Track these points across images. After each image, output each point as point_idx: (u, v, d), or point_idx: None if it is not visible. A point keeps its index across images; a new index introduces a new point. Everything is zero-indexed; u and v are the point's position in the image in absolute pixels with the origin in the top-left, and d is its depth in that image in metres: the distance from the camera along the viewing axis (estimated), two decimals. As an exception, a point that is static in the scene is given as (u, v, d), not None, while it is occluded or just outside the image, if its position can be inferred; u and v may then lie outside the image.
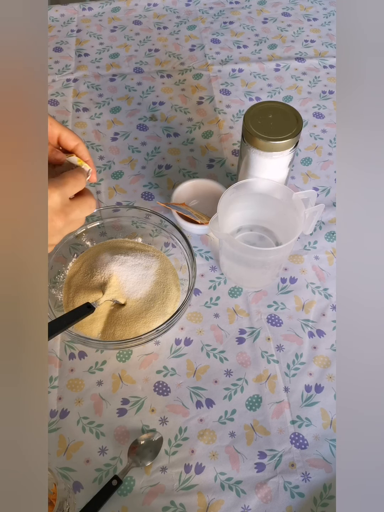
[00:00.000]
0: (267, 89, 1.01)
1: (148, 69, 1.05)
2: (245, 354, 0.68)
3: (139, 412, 0.63)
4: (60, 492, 0.50)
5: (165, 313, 0.67)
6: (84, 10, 1.16)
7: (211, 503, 0.57)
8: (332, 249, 0.78)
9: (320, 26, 1.14)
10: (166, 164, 0.89)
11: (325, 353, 0.68)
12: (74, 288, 0.69)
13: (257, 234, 0.78)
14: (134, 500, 0.58)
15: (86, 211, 0.50)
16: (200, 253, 0.77)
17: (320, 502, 0.58)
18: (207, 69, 1.04)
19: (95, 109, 0.97)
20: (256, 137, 0.65)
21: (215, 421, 0.63)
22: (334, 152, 0.90)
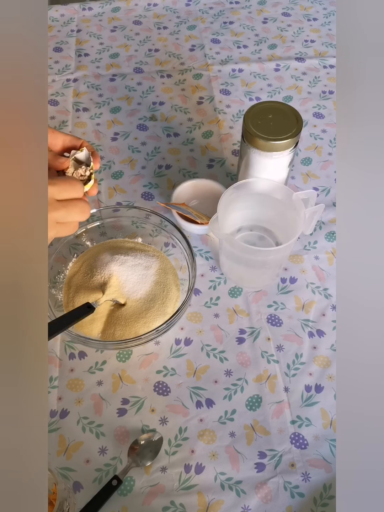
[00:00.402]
0: (267, 89, 1.01)
1: (148, 69, 1.05)
2: (245, 354, 0.68)
3: (139, 412, 0.63)
4: (60, 492, 0.50)
5: (165, 313, 0.67)
6: (84, 10, 1.16)
7: (211, 503, 0.57)
8: (332, 249, 0.78)
9: (320, 26, 1.14)
10: (166, 164, 0.89)
11: (325, 353, 0.68)
12: (74, 288, 0.69)
13: (257, 234, 0.78)
14: (134, 500, 0.58)
15: (76, 216, 0.48)
16: (200, 253, 0.77)
17: (320, 502, 0.58)
18: (207, 69, 1.04)
19: (95, 109, 0.97)
20: (256, 137, 0.65)
21: (215, 421, 0.63)
22: (334, 152, 0.90)
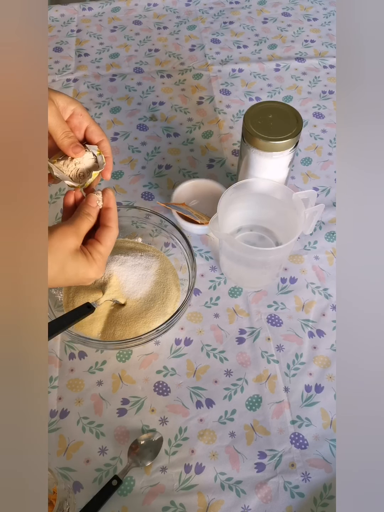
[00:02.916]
0: (267, 89, 1.01)
1: (148, 69, 1.05)
2: (245, 354, 0.68)
3: (139, 412, 0.63)
4: (60, 492, 0.50)
5: (165, 313, 0.67)
6: (84, 10, 1.16)
7: (211, 503, 0.57)
8: (332, 249, 0.78)
9: (320, 26, 1.14)
10: (166, 164, 0.89)
11: (325, 353, 0.68)
12: (74, 288, 0.69)
13: (257, 234, 0.78)
14: (134, 500, 0.58)
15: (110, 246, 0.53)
16: (200, 253, 0.77)
17: (320, 502, 0.58)
18: (207, 69, 1.04)
19: (95, 109, 0.97)
20: (256, 137, 0.65)
21: (215, 421, 0.63)
22: (334, 152, 0.90)
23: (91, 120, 0.57)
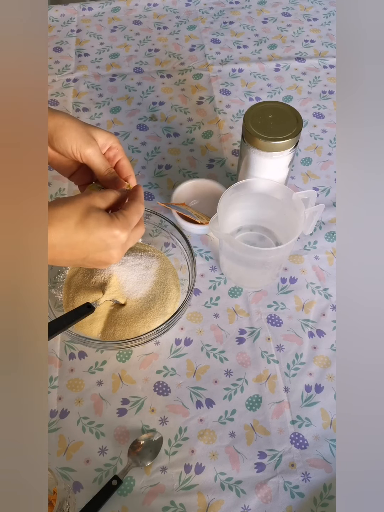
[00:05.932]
0: (267, 89, 1.01)
1: (148, 69, 1.05)
2: (245, 354, 0.68)
3: (139, 412, 0.63)
4: (60, 492, 0.50)
5: (165, 313, 0.67)
6: (84, 10, 1.16)
7: (211, 503, 0.57)
8: (332, 249, 0.78)
9: (320, 26, 1.14)
10: (166, 164, 0.89)
11: (325, 353, 0.68)
12: (74, 288, 0.69)
13: (257, 234, 0.78)
14: (134, 500, 0.58)
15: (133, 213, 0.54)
16: (200, 253, 0.77)
17: (320, 502, 0.58)
18: (207, 69, 1.04)
19: (95, 109, 0.97)
20: (256, 137, 0.65)
21: (215, 421, 0.63)
22: (334, 152, 0.90)
23: (124, 154, 0.60)
